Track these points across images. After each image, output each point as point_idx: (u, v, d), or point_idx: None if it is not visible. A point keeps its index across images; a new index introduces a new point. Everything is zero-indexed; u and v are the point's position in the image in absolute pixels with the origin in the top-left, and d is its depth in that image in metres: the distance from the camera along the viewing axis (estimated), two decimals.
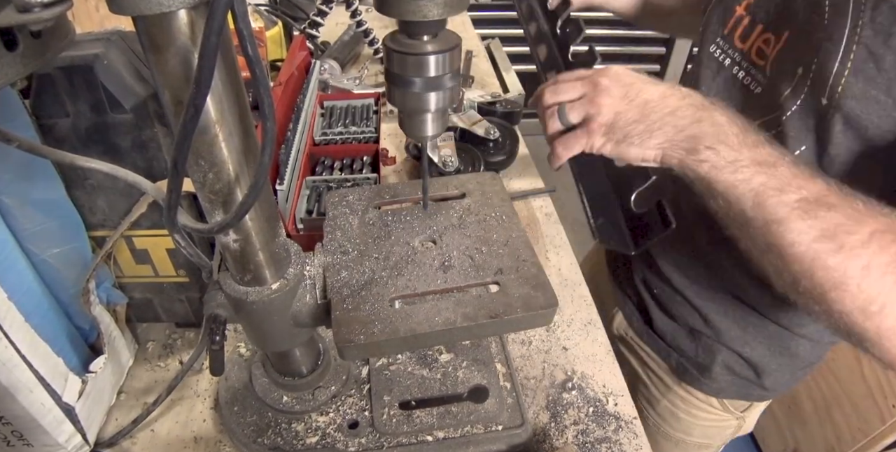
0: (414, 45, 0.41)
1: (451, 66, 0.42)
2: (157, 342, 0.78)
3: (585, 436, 0.67)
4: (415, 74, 0.41)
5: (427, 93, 0.43)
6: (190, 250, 0.53)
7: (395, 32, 0.42)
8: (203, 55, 0.28)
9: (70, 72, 0.54)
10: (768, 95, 0.67)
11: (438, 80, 0.42)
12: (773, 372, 0.85)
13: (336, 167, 0.94)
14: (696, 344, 0.87)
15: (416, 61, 0.41)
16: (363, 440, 0.63)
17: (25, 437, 0.58)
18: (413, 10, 0.37)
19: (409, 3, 0.37)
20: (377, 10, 0.39)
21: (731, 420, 0.94)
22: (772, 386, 0.87)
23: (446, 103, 0.45)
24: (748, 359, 0.84)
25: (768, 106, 0.66)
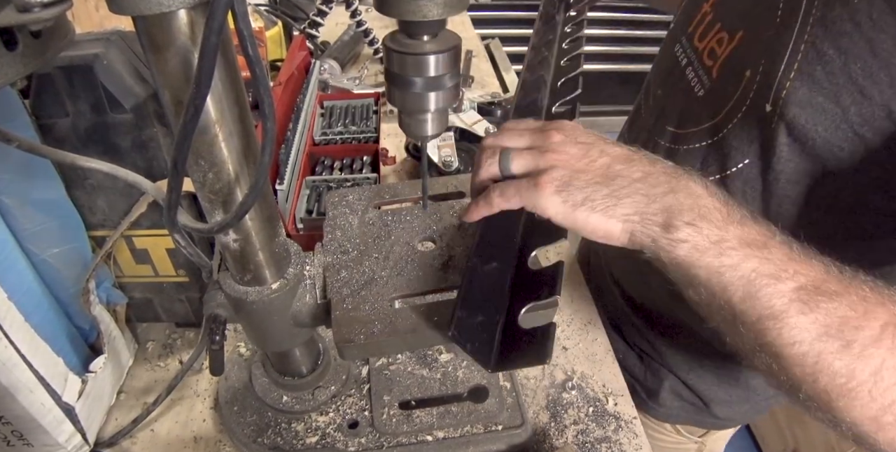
0: (414, 44, 0.41)
1: (451, 66, 0.42)
2: (157, 342, 0.78)
3: (585, 436, 0.67)
4: (415, 74, 0.41)
5: (427, 92, 0.42)
6: (190, 250, 0.53)
7: (394, 32, 0.42)
8: (203, 55, 0.28)
9: (70, 72, 0.54)
10: (710, 100, 0.62)
11: (438, 80, 0.42)
12: (723, 402, 0.80)
13: (336, 167, 0.94)
14: (645, 367, 0.84)
15: (416, 61, 0.41)
16: (363, 440, 0.63)
17: (25, 437, 0.58)
18: (413, 9, 0.37)
19: (408, 2, 0.37)
20: (377, 10, 0.39)
21: (689, 443, 0.92)
22: (726, 416, 0.83)
23: (446, 103, 0.44)
24: (693, 388, 0.80)
25: (708, 112, 0.62)
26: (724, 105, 0.60)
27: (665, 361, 0.81)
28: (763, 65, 0.55)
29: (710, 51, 0.65)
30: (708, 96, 0.64)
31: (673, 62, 0.72)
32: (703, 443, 0.92)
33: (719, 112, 0.60)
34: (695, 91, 0.66)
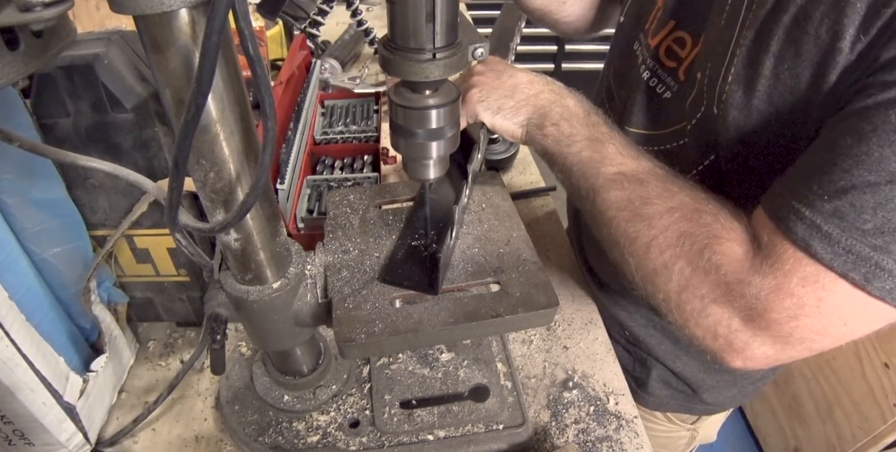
0: (416, 99, 0.43)
1: (450, 118, 0.45)
2: (158, 341, 0.78)
3: (586, 435, 0.67)
4: (418, 126, 0.44)
5: (429, 142, 0.45)
6: (191, 249, 0.53)
7: (398, 85, 0.44)
8: (204, 54, 0.28)
9: (71, 71, 0.54)
10: (680, 103, 0.64)
11: (440, 131, 0.45)
12: (711, 387, 0.83)
13: (337, 166, 0.94)
14: (633, 357, 0.85)
15: (419, 115, 0.43)
16: (364, 439, 0.63)
17: (27, 436, 0.58)
18: (416, 71, 0.40)
19: (412, 65, 0.39)
20: (382, 69, 0.42)
21: (681, 431, 0.93)
22: (715, 401, 0.85)
23: (447, 150, 0.48)
24: (680, 375, 0.82)
25: (677, 114, 0.64)
26: (685, 106, 0.62)
27: (651, 351, 0.82)
28: (709, 68, 0.57)
29: (667, 50, 0.66)
30: (677, 98, 0.65)
31: (631, 60, 0.72)
32: (696, 430, 0.93)
33: (686, 113, 0.62)
34: (657, 91, 0.68)
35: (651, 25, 0.69)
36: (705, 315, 0.48)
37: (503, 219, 0.60)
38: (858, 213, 0.41)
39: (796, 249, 0.44)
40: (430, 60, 0.39)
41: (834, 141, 0.44)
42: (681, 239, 0.49)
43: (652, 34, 0.68)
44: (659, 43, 0.67)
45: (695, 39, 0.63)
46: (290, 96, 0.97)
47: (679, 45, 0.65)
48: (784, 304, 0.44)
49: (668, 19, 0.66)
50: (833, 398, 1.48)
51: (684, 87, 0.63)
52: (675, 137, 0.65)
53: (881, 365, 1.33)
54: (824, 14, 0.46)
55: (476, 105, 0.62)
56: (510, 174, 1.09)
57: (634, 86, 0.71)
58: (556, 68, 2.98)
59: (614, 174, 0.55)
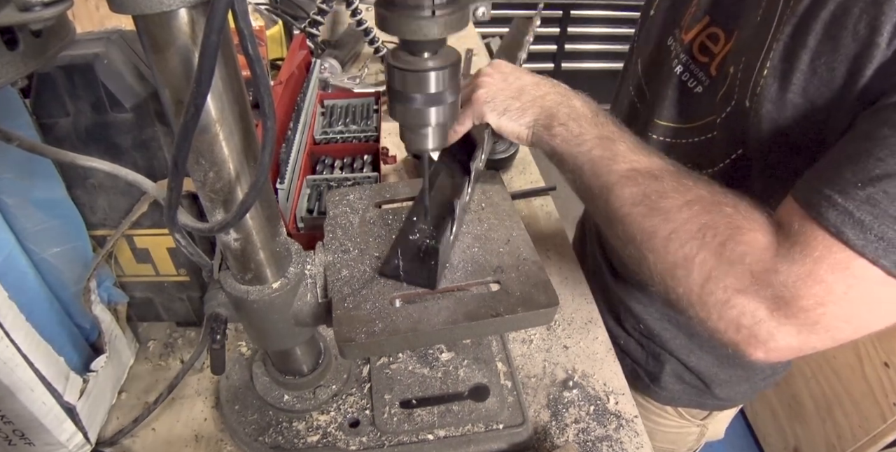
0: (415, 61, 0.41)
1: (451, 82, 0.43)
2: (158, 341, 0.78)
3: (586, 435, 0.67)
4: (415, 90, 0.42)
5: (427, 108, 0.43)
6: (191, 249, 0.53)
7: (396, 49, 0.42)
8: (204, 54, 0.28)
9: (70, 71, 0.54)
10: (710, 97, 0.65)
11: (439, 96, 0.43)
12: (724, 382, 0.83)
13: (336, 166, 0.94)
14: (646, 351, 0.86)
15: (417, 78, 0.41)
16: (364, 438, 0.63)
17: (27, 436, 0.58)
18: (414, 29, 0.38)
19: (409, 22, 0.38)
20: (379, 28, 0.40)
21: (691, 427, 0.93)
22: (727, 397, 0.85)
23: (447, 118, 0.46)
24: (694, 369, 0.82)
25: (707, 108, 0.65)
26: (716, 100, 0.63)
27: (665, 345, 0.82)
28: (743, 62, 0.58)
29: (701, 46, 0.66)
30: (708, 92, 0.65)
31: (665, 55, 0.73)
32: (706, 426, 0.93)
33: (716, 107, 0.63)
34: (688, 86, 0.68)
35: (686, 21, 0.69)
36: (730, 306, 0.48)
37: (503, 218, 0.60)
38: (892, 201, 0.42)
39: (827, 235, 0.44)
40: (428, 18, 0.37)
41: (869, 132, 0.45)
42: (701, 230, 0.49)
43: (686, 29, 0.69)
44: (693, 38, 0.67)
45: (728, 36, 0.63)
46: (290, 96, 0.97)
47: (712, 40, 0.65)
48: (813, 291, 0.44)
49: (703, 15, 0.66)
50: (833, 397, 1.48)
51: (716, 82, 0.64)
52: (704, 131, 0.65)
53: (881, 365, 1.33)
54: (863, 10, 0.46)
55: (482, 106, 0.63)
56: (510, 174, 1.09)
57: (666, 80, 0.71)
58: (556, 68, 2.99)
59: (627, 170, 0.55)
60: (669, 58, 0.71)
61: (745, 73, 0.57)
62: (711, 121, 0.63)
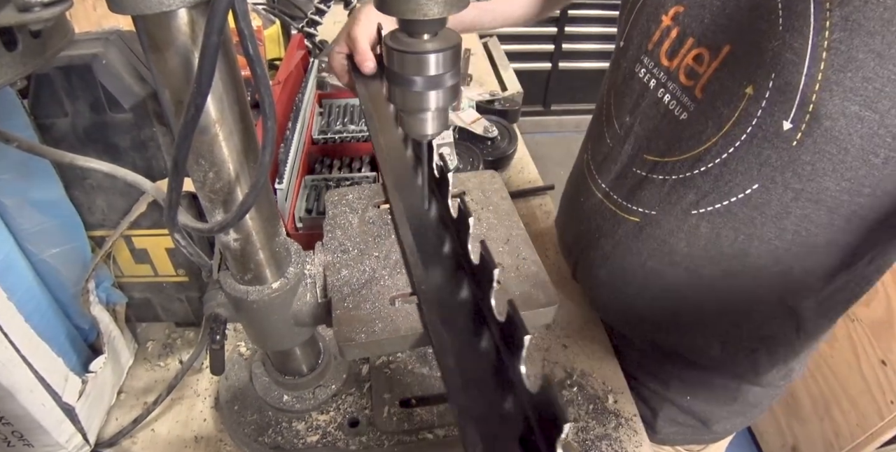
0: (414, 43, 0.40)
1: (451, 65, 0.42)
2: (157, 341, 0.78)
3: (586, 433, 0.67)
4: (415, 73, 0.41)
5: (427, 91, 0.42)
6: (190, 249, 0.53)
7: (395, 31, 0.42)
8: (204, 54, 0.28)
9: (69, 71, 0.54)
10: (698, 123, 0.58)
11: (439, 79, 0.41)
12: (722, 419, 0.82)
13: (335, 166, 0.94)
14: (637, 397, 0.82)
15: (416, 60, 0.40)
16: (364, 438, 0.63)
17: (26, 437, 0.58)
18: (413, 8, 0.37)
19: (409, 1, 0.37)
20: (377, 9, 0.39)
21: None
22: (723, 430, 0.84)
23: (447, 102, 0.44)
24: (690, 411, 0.81)
25: (697, 136, 0.58)
26: (720, 127, 0.56)
27: (660, 390, 0.80)
28: (774, 79, 0.51)
29: (687, 69, 0.60)
30: (693, 119, 0.59)
31: (640, 85, 0.67)
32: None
33: (714, 135, 0.57)
34: (675, 114, 0.62)
35: (662, 46, 0.63)
36: None
37: (502, 217, 0.60)
38: None
39: None
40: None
41: None
42: None
43: (668, 56, 0.63)
44: (678, 63, 0.61)
45: (714, 53, 0.57)
46: (288, 96, 0.97)
47: (698, 62, 0.59)
48: None
49: (686, 38, 0.60)
50: (830, 395, 1.49)
51: (702, 106, 0.58)
52: (695, 163, 0.59)
53: (878, 363, 1.34)
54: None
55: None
56: (508, 173, 1.09)
57: (653, 111, 0.65)
58: (553, 67, 2.99)
59: None
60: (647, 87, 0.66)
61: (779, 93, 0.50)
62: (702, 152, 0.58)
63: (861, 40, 0.45)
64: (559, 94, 3.12)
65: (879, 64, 0.45)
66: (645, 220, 0.67)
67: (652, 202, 0.65)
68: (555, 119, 3.21)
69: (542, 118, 3.20)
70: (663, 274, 0.68)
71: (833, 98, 0.48)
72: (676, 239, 0.64)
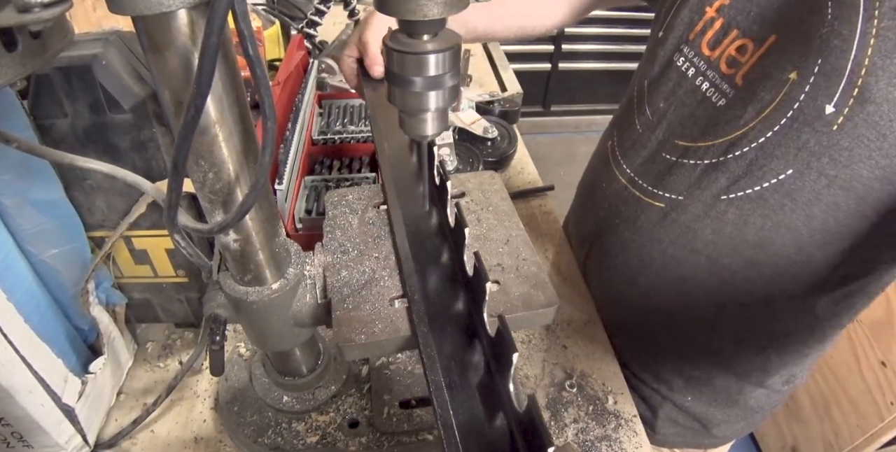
0: (414, 44, 0.40)
1: (451, 65, 0.42)
2: (157, 342, 0.78)
3: (585, 434, 0.67)
4: (415, 73, 0.41)
5: (427, 92, 0.42)
6: (189, 250, 0.53)
7: (395, 31, 0.42)
8: (204, 55, 0.28)
9: (68, 72, 0.54)
10: (735, 109, 0.60)
11: (439, 79, 0.41)
12: (721, 422, 0.81)
13: (335, 166, 0.94)
14: (638, 396, 0.83)
15: (416, 60, 0.40)
16: (364, 439, 0.63)
17: (25, 438, 0.58)
18: (413, 9, 0.37)
19: (408, 2, 0.37)
20: (377, 9, 0.39)
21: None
22: (723, 435, 0.84)
23: (447, 102, 0.44)
24: (690, 411, 0.81)
25: (734, 122, 0.60)
26: (759, 112, 0.57)
27: (661, 389, 0.80)
28: (820, 65, 0.52)
29: (728, 58, 0.62)
30: (731, 106, 0.61)
31: (677, 74, 0.68)
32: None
33: (750, 120, 0.58)
34: (713, 101, 0.63)
35: (705, 36, 0.65)
36: None
37: (502, 218, 0.60)
38: None
39: None
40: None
41: None
42: None
43: (709, 45, 0.64)
44: (720, 53, 0.63)
45: (758, 44, 0.59)
46: (288, 96, 0.97)
47: (740, 53, 0.61)
48: None
49: (731, 29, 0.62)
50: (830, 396, 1.49)
51: (742, 92, 0.60)
52: (729, 147, 0.60)
53: (878, 364, 1.34)
54: None
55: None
56: (508, 173, 1.09)
57: (690, 98, 0.66)
58: (553, 68, 2.99)
59: None
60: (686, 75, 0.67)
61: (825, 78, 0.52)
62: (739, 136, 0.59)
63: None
64: (559, 95, 3.12)
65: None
66: (671, 206, 0.67)
67: (680, 187, 0.66)
68: (554, 120, 3.21)
69: (542, 119, 3.20)
70: (684, 263, 0.68)
71: (879, 82, 0.49)
72: (702, 225, 0.65)
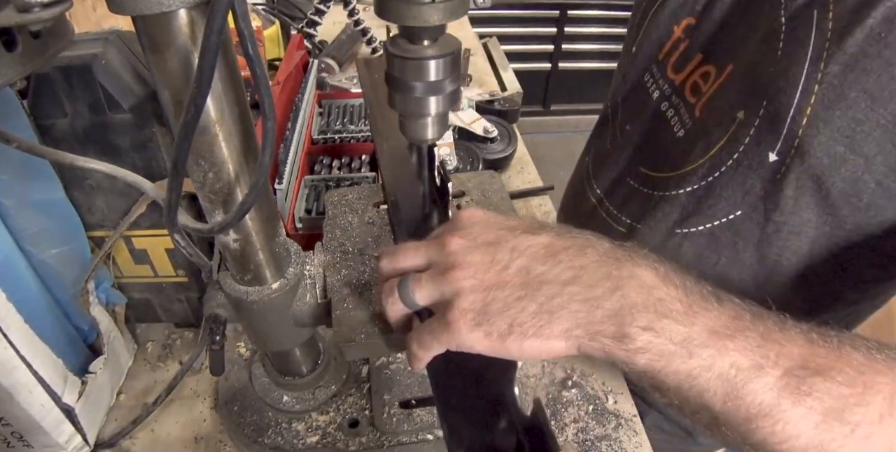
0: (414, 49, 0.41)
1: (451, 71, 0.42)
2: (157, 342, 0.78)
3: (585, 434, 0.67)
4: (415, 78, 0.41)
5: (427, 97, 0.42)
6: (189, 250, 0.53)
7: (395, 36, 0.42)
8: (204, 55, 0.28)
9: (68, 72, 0.54)
10: (690, 142, 0.56)
11: (439, 84, 0.42)
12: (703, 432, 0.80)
13: (335, 166, 0.94)
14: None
15: (417, 66, 0.41)
16: (364, 439, 0.63)
17: (25, 438, 0.58)
18: (414, 15, 0.37)
19: (409, 8, 0.37)
20: (377, 15, 0.39)
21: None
22: (709, 443, 0.82)
23: (447, 107, 0.44)
24: (674, 419, 0.80)
25: (688, 155, 0.56)
26: (708, 149, 0.53)
27: (645, 396, 0.79)
28: (765, 107, 0.48)
29: (693, 85, 0.57)
30: (688, 137, 0.57)
31: (643, 94, 0.64)
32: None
33: (701, 156, 0.54)
34: (673, 130, 0.59)
35: (671, 57, 0.61)
36: None
37: None
38: None
39: None
40: (429, 3, 0.37)
41: None
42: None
43: (675, 68, 0.60)
44: (685, 78, 0.59)
45: (719, 72, 0.54)
46: (288, 96, 0.97)
47: (704, 80, 0.56)
48: None
49: (695, 53, 0.57)
50: None
51: (698, 126, 0.56)
52: (681, 182, 0.57)
53: None
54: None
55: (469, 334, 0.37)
56: (508, 173, 1.09)
57: (654, 123, 0.63)
58: (553, 67, 2.99)
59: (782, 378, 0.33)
60: (650, 97, 0.63)
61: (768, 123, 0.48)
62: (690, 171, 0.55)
63: (855, 77, 0.42)
64: (559, 95, 3.12)
65: (870, 106, 0.42)
66: (630, 232, 0.65)
67: (639, 215, 0.64)
68: (554, 119, 3.21)
69: (542, 118, 3.20)
70: None
71: (819, 135, 0.45)
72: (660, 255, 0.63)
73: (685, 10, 0.58)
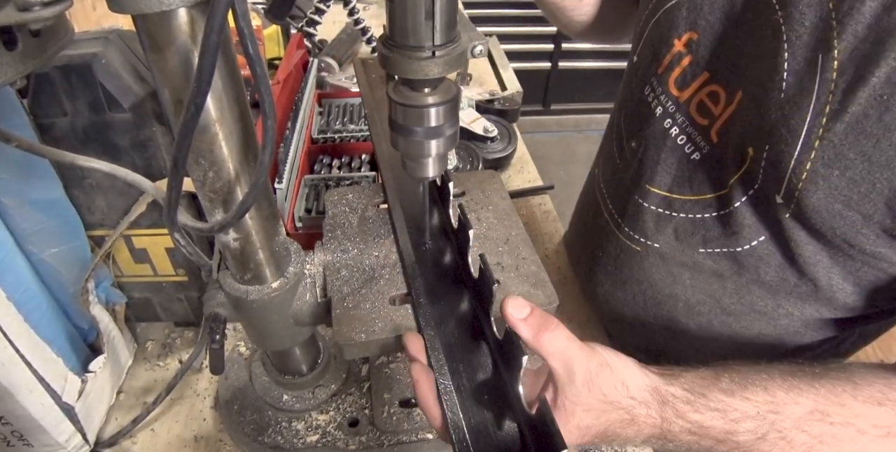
0: (415, 97, 0.43)
1: (450, 116, 0.44)
2: (157, 341, 0.78)
3: None
4: (416, 124, 0.43)
5: (428, 140, 0.45)
6: (189, 249, 0.53)
7: (397, 84, 0.44)
8: (204, 54, 0.28)
9: (68, 71, 0.54)
10: (711, 168, 0.56)
11: (439, 129, 0.44)
12: None
13: (334, 165, 0.94)
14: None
15: (418, 113, 0.43)
16: (363, 438, 0.63)
17: (25, 437, 0.58)
18: (415, 69, 0.39)
19: (410, 63, 0.39)
20: (381, 66, 0.41)
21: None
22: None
23: (446, 149, 0.47)
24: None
25: (713, 180, 0.56)
26: (727, 178, 0.54)
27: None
28: (768, 151, 0.48)
29: (699, 105, 0.56)
30: (707, 162, 0.57)
31: (645, 109, 0.63)
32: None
33: (724, 184, 0.55)
34: (685, 151, 0.58)
35: (672, 72, 0.59)
36: None
37: (502, 217, 0.60)
38: None
39: None
40: (429, 58, 0.39)
41: None
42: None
43: (677, 84, 0.59)
44: (690, 96, 0.57)
45: (729, 96, 0.53)
46: (288, 95, 0.97)
47: (713, 100, 0.55)
48: None
49: (701, 71, 0.56)
50: None
51: (718, 151, 0.55)
52: (705, 207, 0.57)
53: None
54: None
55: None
56: (508, 172, 1.09)
57: (658, 141, 0.61)
58: (553, 67, 2.99)
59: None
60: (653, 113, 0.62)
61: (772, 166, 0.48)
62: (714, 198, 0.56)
63: (855, 139, 0.42)
64: (559, 94, 3.12)
65: (868, 169, 0.42)
66: (647, 250, 0.66)
67: (656, 234, 0.64)
68: (554, 118, 3.21)
69: (542, 118, 3.20)
70: (663, 305, 0.68)
71: (818, 192, 0.45)
72: (680, 271, 0.63)
73: (687, 23, 0.56)
